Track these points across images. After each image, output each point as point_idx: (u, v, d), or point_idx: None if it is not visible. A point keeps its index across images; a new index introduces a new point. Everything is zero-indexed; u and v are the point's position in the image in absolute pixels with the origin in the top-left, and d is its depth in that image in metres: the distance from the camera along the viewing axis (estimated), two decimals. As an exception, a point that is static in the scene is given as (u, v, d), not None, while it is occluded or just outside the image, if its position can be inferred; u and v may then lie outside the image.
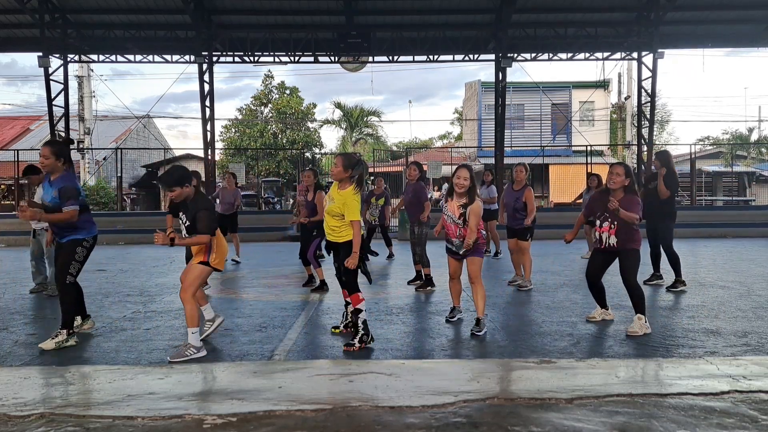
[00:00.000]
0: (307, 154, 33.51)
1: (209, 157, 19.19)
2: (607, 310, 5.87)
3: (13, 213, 19.88)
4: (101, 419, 3.25)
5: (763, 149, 35.26)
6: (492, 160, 20.86)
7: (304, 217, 7.88)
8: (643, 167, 18.59)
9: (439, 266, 8.39)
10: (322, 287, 7.81)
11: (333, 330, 5.45)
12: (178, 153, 32.78)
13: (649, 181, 8.19)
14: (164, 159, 29.08)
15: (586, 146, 20.39)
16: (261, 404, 3.44)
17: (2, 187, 29.79)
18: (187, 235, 4.78)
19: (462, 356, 4.70)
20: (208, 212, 4.74)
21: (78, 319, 5.48)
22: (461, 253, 5.53)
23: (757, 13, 17.66)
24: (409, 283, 8.25)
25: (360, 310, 4.95)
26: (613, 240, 5.43)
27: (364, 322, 4.95)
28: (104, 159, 28.83)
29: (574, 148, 26.96)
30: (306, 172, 8.31)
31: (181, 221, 4.86)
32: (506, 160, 19.09)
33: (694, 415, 3.26)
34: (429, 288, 7.87)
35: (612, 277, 5.80)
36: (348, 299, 5.24)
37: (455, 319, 5.89)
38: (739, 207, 23.81)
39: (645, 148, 18.85)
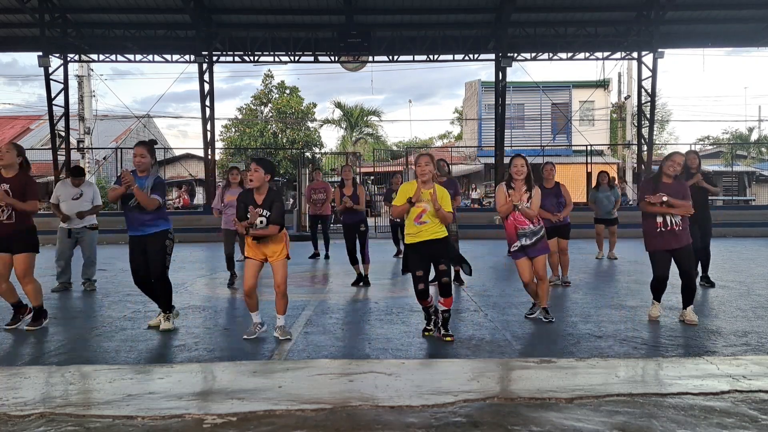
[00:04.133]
0: (307, 154, 33.49)
1: (209, 156, 19.19)
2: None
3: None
4: (101, 419, 3.25)
5: (763, 149, 35.24)
6: (492, 160, 20.86)
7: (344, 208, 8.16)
8: (643, 167, 18.59)
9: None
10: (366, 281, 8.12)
11: (426, 333, 5.27)
12: (178, 153, 32.76)
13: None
14: (164, 159, 29.08)
15: (586, 146, 20.37)
16: (261, 404, 3.43)
17: (2, 186, 29.74)
18: (263, 226, 5.00)
19: (462, 356, 4.70)
20: (282, 204, 5.12)
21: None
22: (540, 234, 5.70)
23: (757, 13, 17.64)
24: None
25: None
26: (677, 218, 5.54)
27: None
28: (104, 158, 28.82)
29: (574, 148, 26.95)
30: (346, 167, 8.61)
31: (254, 212, 4.96)
32: (506, 160, 19.07)
33: (694, 414, 3.26)
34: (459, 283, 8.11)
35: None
36: (433, 304, 5.26)
37: (534, 315, 5.98)
38: (739, 206, 23.80)
39: (645, 147, 18.85)
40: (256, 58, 18.75)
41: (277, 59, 18.91)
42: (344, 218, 8.37)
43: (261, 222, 5.00)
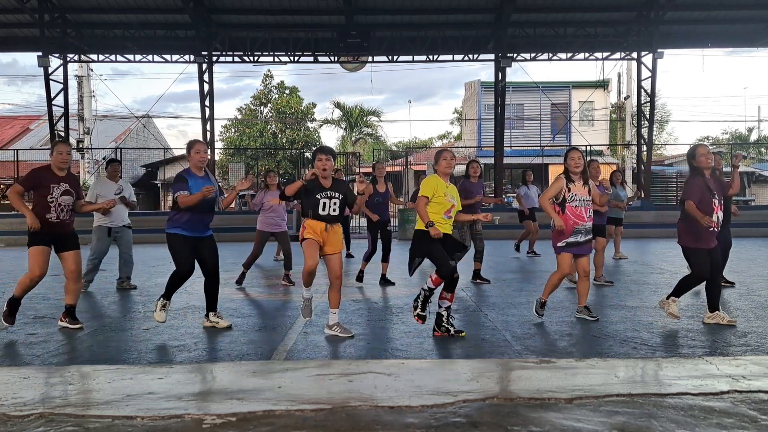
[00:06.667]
0: (307, 154, 33.49)
1: (209, 156, 19.18)
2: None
3: (13, 212, 19.82)
4: (100, 419, 3.24)
5: (762, 149, 35.29)
6: (492, 160, 20.85)
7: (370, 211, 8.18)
8: (642, 167, 18.59)
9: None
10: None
11: (462, 335, 5.23)
12: (177, 153, 32.74)
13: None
14: (164, 159, 29.08)
15: (586, 146, 20.38)
16: (260, 404, 3.43)
17: (2, 186, 29.77)
18: (336, 210, 5.14)
19: (462, 356, 4.70)
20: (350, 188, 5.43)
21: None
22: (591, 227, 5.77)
23: (757, 13, 17.67)
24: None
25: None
26: (721, 215, 5.53)
27: None
28: (104, 159, 28.79)
29: (573, 148, 26.94)
30: (378, 164, 8.67)
31: (322, 197, 5.10)
32: (506, 160, 19.11)
33: (693, 414, 3.26)
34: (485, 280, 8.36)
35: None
36: (448, 300, 5.28)
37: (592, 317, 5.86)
38: (739, 207, 23.75)
39: (645, 148, 18.86)
40: (255, 58, 18.77)
41: (276, 59, 18.94)
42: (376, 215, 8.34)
43: (334, 210, 5.17)
